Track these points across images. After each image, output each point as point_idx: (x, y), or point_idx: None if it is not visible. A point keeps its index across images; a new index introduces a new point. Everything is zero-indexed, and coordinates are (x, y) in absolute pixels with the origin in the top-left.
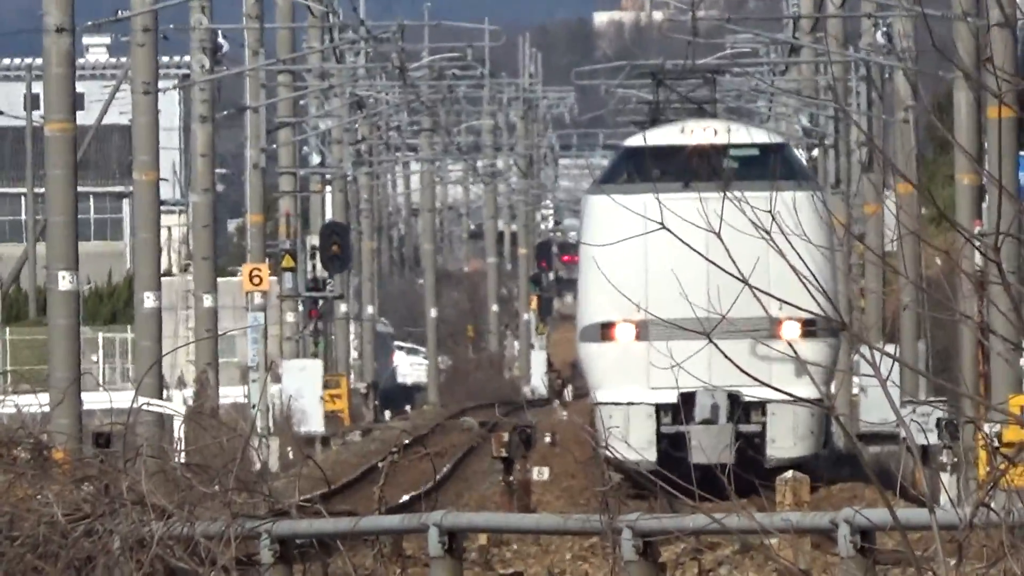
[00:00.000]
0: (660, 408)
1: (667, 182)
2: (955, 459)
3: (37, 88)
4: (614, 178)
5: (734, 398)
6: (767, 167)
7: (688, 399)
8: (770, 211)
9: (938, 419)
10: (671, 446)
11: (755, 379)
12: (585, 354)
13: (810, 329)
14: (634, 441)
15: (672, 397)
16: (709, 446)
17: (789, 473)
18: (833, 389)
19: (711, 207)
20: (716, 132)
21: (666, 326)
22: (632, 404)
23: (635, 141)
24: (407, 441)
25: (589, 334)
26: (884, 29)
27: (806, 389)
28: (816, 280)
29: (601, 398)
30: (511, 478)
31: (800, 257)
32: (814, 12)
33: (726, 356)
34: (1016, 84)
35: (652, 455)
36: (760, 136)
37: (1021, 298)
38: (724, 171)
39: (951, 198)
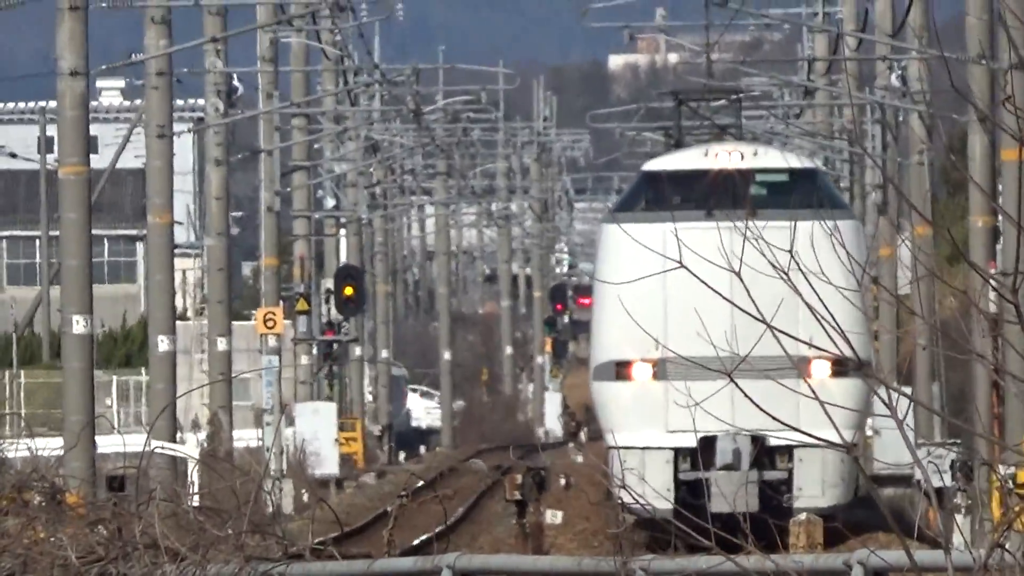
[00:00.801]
0: (678, 453)
1: (689, 210)
2: (969, 501)
3: (51, 131)
4: (632, 205)
5: (758, 442)
6: (797, 194)
7: (708, 443)
8: (790, 250)
9: (952, 460)
10: (690, 493)
11: (781, 423)
12: (599, 394)
13: (840, 368)
14: (650, 487)
15: (691, 441)
16: (731, 493)
17: (803, 515)
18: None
19: (736, 238)
20: (743, 156)
21: (686, 365)
22: (649, 448)
23: (655, 165)
24: (420, 484)
25: (603, 373)
26: (899, 72)
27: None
28: (834, 320)
29: (616, 442)
30: (524, 521)
31: (816, 294)
32: (829, 55)
33: (749, 398)
34: None
35: (669, 503)
36: (791, 161)
37: None
38: (749, 199)
39: (964, 240)
